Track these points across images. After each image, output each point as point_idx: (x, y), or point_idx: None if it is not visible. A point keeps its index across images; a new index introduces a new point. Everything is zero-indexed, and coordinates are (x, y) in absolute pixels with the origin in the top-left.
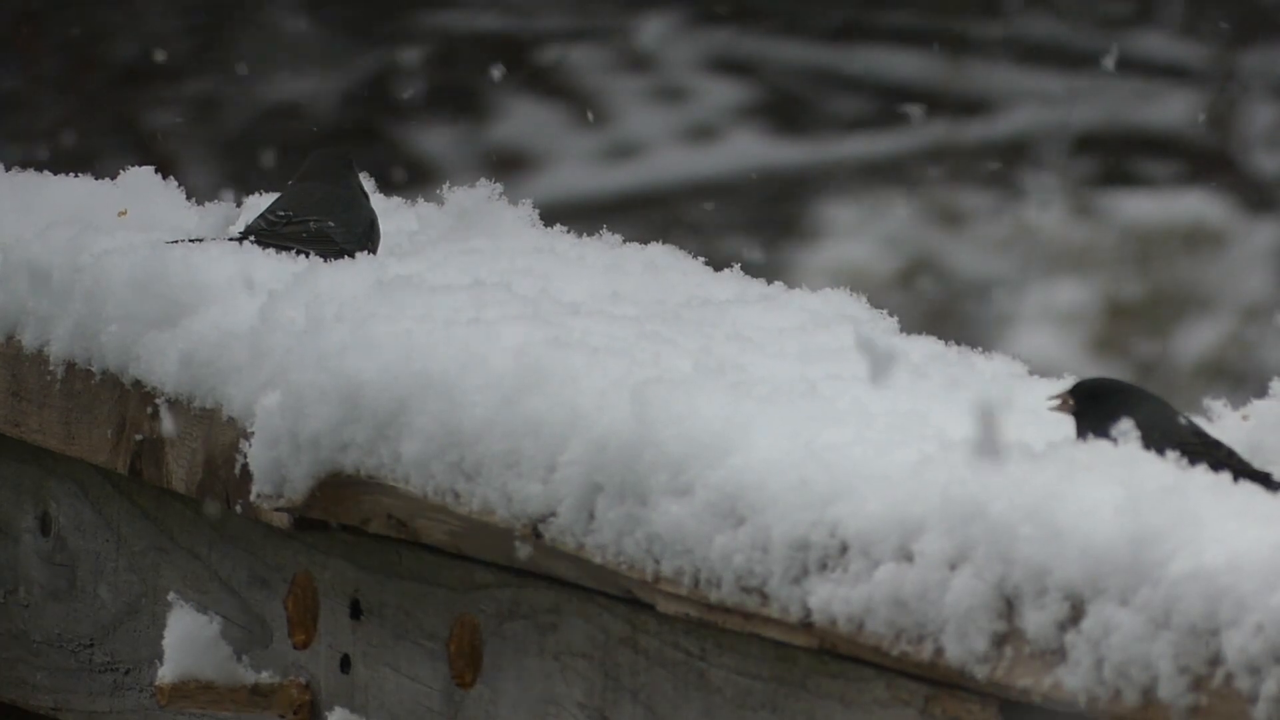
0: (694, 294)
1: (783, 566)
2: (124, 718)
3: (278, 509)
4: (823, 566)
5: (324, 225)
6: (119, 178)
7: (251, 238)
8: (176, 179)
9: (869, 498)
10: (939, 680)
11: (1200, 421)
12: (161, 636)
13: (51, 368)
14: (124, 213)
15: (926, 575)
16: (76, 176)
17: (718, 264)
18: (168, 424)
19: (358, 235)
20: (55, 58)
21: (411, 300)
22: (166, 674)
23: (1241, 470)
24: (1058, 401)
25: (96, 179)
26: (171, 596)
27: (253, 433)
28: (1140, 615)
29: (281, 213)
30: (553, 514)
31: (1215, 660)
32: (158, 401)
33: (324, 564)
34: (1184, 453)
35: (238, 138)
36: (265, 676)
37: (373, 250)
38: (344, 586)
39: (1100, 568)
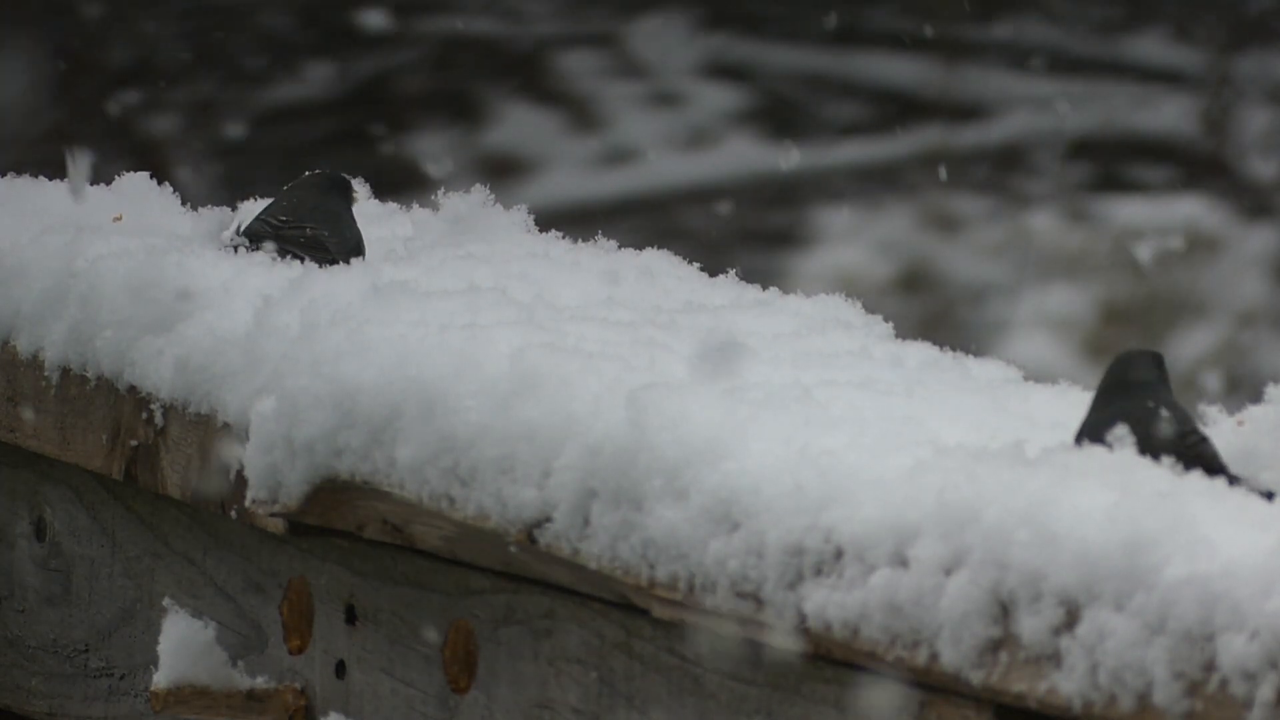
0: (689, 299)
1: (778, 572)
2: None
3: (273, 514)
4: (818, 572)
5: (319, 233)
6: (114, 183)
7: (248, 239)
8: (171, 184)
9: (864, 503)
10: (934, 686)
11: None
12: (156, 642)
13: (46, 373)
14: (119, 218)
15: (921, 580)
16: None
17: (713, 269)
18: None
19: (347, 249)
20: (49, 62)
21: (406, 305)
22: (161, 679)
23: (1201, 455)
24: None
25: (91, 184)
26: (166, 602)
27: (248, 438)
28: (1135, 620)
29: (283, 217)
30: (548, 519)
31: (1210, 666)
32: (153, 407)
33: (319, 569)
34: (1146, 422)
35: (233, 142)
36: (260, 682)
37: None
38: (339, 592)
39: (1095, 573)
